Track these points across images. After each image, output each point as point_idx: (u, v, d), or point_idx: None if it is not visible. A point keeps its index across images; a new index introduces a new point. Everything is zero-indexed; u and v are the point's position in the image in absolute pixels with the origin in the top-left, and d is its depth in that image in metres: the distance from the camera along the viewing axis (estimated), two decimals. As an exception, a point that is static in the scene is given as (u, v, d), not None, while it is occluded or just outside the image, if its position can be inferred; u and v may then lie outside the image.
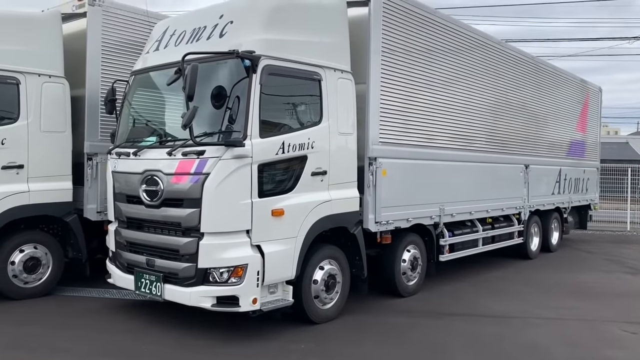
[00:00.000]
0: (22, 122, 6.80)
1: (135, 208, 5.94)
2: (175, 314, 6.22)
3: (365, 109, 6.64)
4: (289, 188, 5.74)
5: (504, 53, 9.65)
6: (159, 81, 6.31)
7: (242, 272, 5.33)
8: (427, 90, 7.65)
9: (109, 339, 5.64)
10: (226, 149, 5.26)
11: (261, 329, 5.91)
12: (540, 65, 11.01)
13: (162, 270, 5.65)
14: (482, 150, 9.00)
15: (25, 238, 6.97)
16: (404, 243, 7.44)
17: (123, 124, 6.52)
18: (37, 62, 6.92)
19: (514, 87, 9.94)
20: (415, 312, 6.90)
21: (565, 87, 12.05)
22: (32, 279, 6.98)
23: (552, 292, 8.20)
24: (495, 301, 7.52)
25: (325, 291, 6.20)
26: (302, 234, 5.79)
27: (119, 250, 6.22)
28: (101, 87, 7.31)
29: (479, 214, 8.93)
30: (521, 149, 10.25)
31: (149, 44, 6.58)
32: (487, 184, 9.10)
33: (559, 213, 12.18)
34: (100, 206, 7.31)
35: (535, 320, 6.66)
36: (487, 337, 5.96)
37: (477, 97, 8.79)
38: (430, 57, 7.71)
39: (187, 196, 5.43)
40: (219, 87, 5.36)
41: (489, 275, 9.25)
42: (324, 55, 6.13)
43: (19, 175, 6.76)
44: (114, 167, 6.28)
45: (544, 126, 11.17)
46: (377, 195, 6.73)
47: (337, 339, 5.76)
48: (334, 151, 6.15)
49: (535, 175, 10.57)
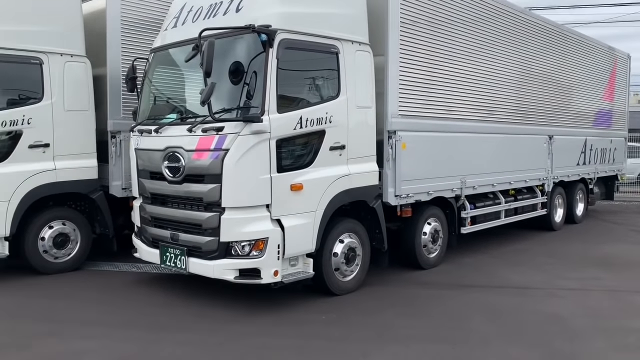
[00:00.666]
0: (47, 101, 6.94)
1: (159, 184, 6.05)
2: (199, 287, 6.38)
3: (384, 82, 6.60)
4: (308, 163, 5.78)
5: (527, 21, 9.42)
6: (177, 58, 6.34)
7: (263, 246, 5.42)
8: (448, 60, 7.55)
9: (136, 311, 5.82)
10: (244, 125, 5.30)
11: (283, 301, 6.03)
12: (565, 33, 10.73)
13: (186, 244, 5.78)
14: (505, 121, 8.88)
15: (53, 215, 7.18)
16: (424, 216, 7.45)
17: (144, 102, 6.60)
18: (59, 42, 7.03)
19: (538, 56, 9.73)
20: (436, 284, 6.94)
21: (591, 55, 11.73)
22: (61, 254, 7.21)
23: (576, 264, 8.14)
24: (517, 273, 7.51)
25: (345, 264, 6.27)
26: (321, 207, 5.84)
27: (144, 225, 6.37)
28: (122, 66, 7.39)
29: (501, 185, 8.86)
30: (545, 119, 10.07)
31: (167, 21, 6.61)
32: (509, 156, 9.00)
33: (584, 184, 12.00)
34: (125, 183, 7.47)
35: (558, 291, 6.64)
36: (507, 308, 5.98)
37: (499, 67, 8.64)
38: (451, 26, 7.58)
39: (208, 172, 5.51)
40: (236, 62, 5.38)
41: (512, 247, 9.21)
42: (341, 27, 6.08)
43: (45, 154, 6.93)
44: (137, 145, 6.39)
45: (569, 96, 10.94)
46: (396, 168, 6.72)
47: (357, 310, 5.85)
48: (353, 125, 6.15)
49: (559, 146, 10.40)
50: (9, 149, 6.71)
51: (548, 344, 4.99)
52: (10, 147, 6.71)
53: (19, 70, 6.76)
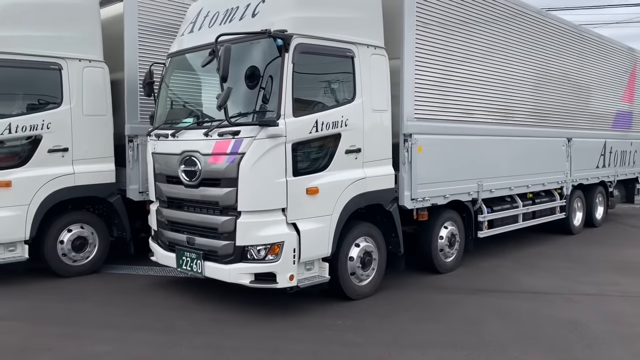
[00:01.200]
0: (66, 106, 7.03)
1: (175, 188, 6.09)
2: (215, 290, 6.40)
3: (400, 85, 6.58)
4: (323, 166, 5.78)
5: (544, 22, 9.32)
6: (194, 63, 6.39)
7: (278, 250, 5.43)
8: (464, 63, 7.50)
9: (152, 314, 5.86)
10: (260, 129, 5.32)
11: (298, 305, 6.02)
12: (583, 33, 10.60)
13: (202, 248, 5.81)
14: (522, 124, 8.79)
15: (72, 218, 7.27)
16: (441, 220, 7.40)
17: (161, 106, 6.65)
18: (77, 47, 7.12)
19: (556, 57, 9.62)
20: (452, 288, 6.89)
21: (610, 56, 11.57)
22: (80, 257, 7.29)
23: (595, 268, 8.03)
24: (535, 277, 7.42)
25: (361, 268, 6.25)
26: (337, 211, 5.83)
27: (160, 229, 6.41)
28: (139, 70, 7.47)
29: (518, 189, 8.77)
30: (563, 121, 9.95)
31: (183, 26, 6.67)
32: (527, 159, 8.90)
33: (603, 187, 11.84)
34: (142, 186, 7.53)
35: (576, 296, 6.56)
36: (524, 313, 5.92)
37: (516, 69, 8.56)
38: (467, 29, 7.54)
39: (224, 176, 5.53)
40: (252, 67, 5.40)
41: (529, 252, 9.11)
42: (356, 31, 6.08)
43: (64, 158, 7.01)
44: (154, 149, 6.44)
45: (588, 97, 10.80)
46: (412, 172, 6.69)
47: (373, 314, 5.82)
48: (368, 128, 6.13)
49: (578, 148, 10.27)
50: (29, 154, 6.80)
51: (566, 350, 4.92)
52: (30, 151, 6.81)
53: (38, 75, 6.87)
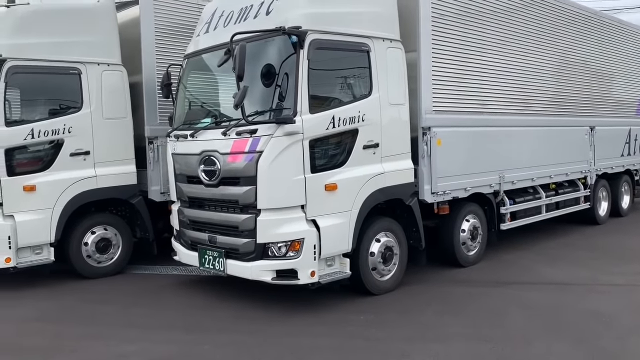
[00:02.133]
0: (86, 110, 7.13)
1: (196, 188, 6.14)
2: (238, 288, 6.44)
3: (417, 78, 6.53)
4: (341, 162, 5.77)
5: (562, 9, 9.15)
6: (210, 63, 6.42)
7: (299, 246, 5.44)
8: (482, 54, 7.41)
9: (176, 313, 5.92)
10: (277, 127, 5.33)
11: (320, 301, 6.03)
12: (603, 19, 10.39)
13: (224, 246, 5.85)
14: (543, 113, 8.66)
15: (95, 220, 7.38)
16: (462, 213, 7.34)
17: (179, 107, 6.70)
18: (95, 51, 7.21)
19: (575, 45, 9.45)
20: (475, 281, 6.83)
21: (632, 41, 11.31)
22: (104, 258, 7.39)
23: (621, 258, 7.87)
24: (559, 269, 7.31)
25: (382, 263, 6.23)
26: (356, 207, 5.82)
27: (182, 228, 6.47)
28: (157, 72, 7.51)
29: (541, 180, 8.64)
30: (585, 109, 9.77)
31: (199, 27, 6.70)
32: (549, 149, 8.76)
33: (629, 175, 11.60)
34: (163, 187, 7.59)
35: (601, 287, 6.45)
36: (549, 305, 5.83)
37: (535, 58, 8.42)
38: (484, 19, 7.44)
39: (243, 174, 5.56)
40: (267, 65, 5.42)
41: (554, 243, 8.97)
42: (371, 25, 6.04)
43: (86, 162, 7.12)
44: (174, 149, 6.50)
45: (610, 84, 10.58)
46: (432, 165, 6.64)
47: (395, 309, 5.80)
48: (386, 123, 6.10)
49: (601, 137, 10.07)
50: (52, 158, 6.91)
51: (593, 341, 4.85)
52: (53, 155, 6.92)
53: (58, 80, 6.97)
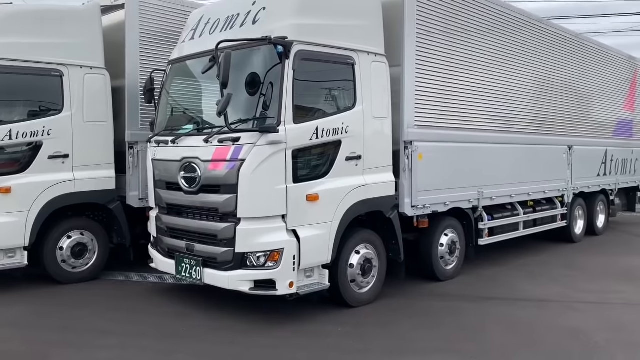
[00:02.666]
0: (66, 113, 7.04)
1: (175, 194, 6.08)
2: (215, 298, 6.37)
3: (401, 92, 6.58)
4: (324, 173, 5.77)
5: (545, 31, 9.34)
6: (195, 70, 6.40)
7: (278, 257, 5.41)
8: (465, 71, 7.51)
9: (151, 321, 5.83)
10: (261, 135, 5.31)
11: (298, 312, 5.99)
12: (584, 42, 10.62)
13: (202, 255, 5.79)
14: (523, 131, 8.79)
15: (72, 225, 7.25)
16: (441, 227, 7.38)
17: (162, 113, 6.66)
18: (78, 54, 7.14)
19: (556, 66, 9.63)
20: (453, 296, 6.85)
21: (611, 64, 11.58)
22: (79, 263, 7.26)
23: (596, 276, 7.99)
24: (536, 285, 7.38)
25: (361, 275, 6.22)
26: (337, 218, 5.82)
27: (160, 235, 6.40)
28: (140, 77, 7.47)
29: (519, 197, 8.75)
30: (564, 129, 9.94)
31: (184, 33, 6.69)
32: (528, 166, 8.89)
33: (605, 195, 11.80)
34: (142, 193, 7.52)
35: (577, 304, 6.52)
36: (526, 321, 5.88)
37: (517, 77, 8.56)
38: (467, 37, 7.55)
39: (224, 182, 5.52)
40: (252, 74, 5.41)
41: (530, 259, 9.07)
42: (357, 38, 6.09)
43: (64, 165, 7.01)
44: (154, 155, 6.44)
45: (589, 106, 10.80)
46: (413, 179, 6.68)
47: (373, 322, 5.79)
48: (369, 135, 6.13)
49: (579, 156, 10.25)
50: (30, 160, 6.79)
51: (568, 358, 4.89)
52: (31, 157, 6.80)
53: (39, 82, 6.87)
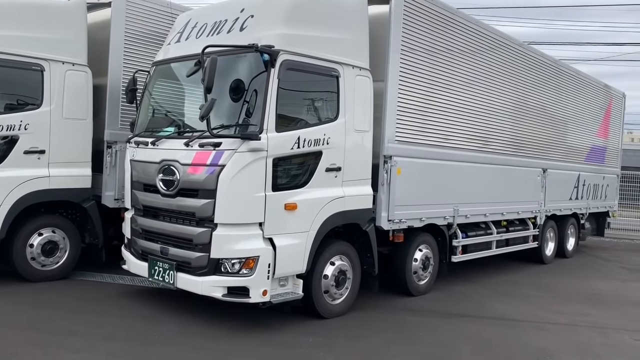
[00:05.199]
0: (45, 108, 6.93)
1: (152, 197, 6.03)
2: (187, 302, 6.31)
3: (383, 107, 6.65)
4: (303, 183, 5.79)
5: (525, 55, 9.55)
6: (179, 72, 6.39)
7: (253, 264, 5.39)
8: (446, 90, 7.62)
9: (121, 324, 5.74)
10: (242, 142, 5.31)
11: (270, 321, 5.97)
12: (562, 68, 10.89)
13: (176, 259, 5.74)
14: (500, 152, 8.94)
15: (44, 222, 7.12)
16: (416, 242, 7.44)
17: (143, 114, 6.61)
18: (61, 50, 7.05)
19: (534, 90, 9.85)
20: (425, 311, 6.91)
21: (587, 91, 11.89)
22: (49, 262, 7.13)
23: (565, 298, 8.14)
24: (506, 304, 7.49)
25: (335, 286, 6.23)
26: (314, 228, 5.83)
27: (134, 237, 6.33)
28: (123, 77, 7.42)
29: (493, 216, 8.88)
30: (539, 152, 10.15)
31: (170, 35, 6.66)
32: (503, 187, 9.04)
33: (575, 219, 12.05)
34: (117, 193, 7.44)
35: (546, 325, 6.63)
36: (495, 339, 5.95)
37: (496, 99, 8.73)
38: (450, 57, 7.68)
39: (203, 187, 5.50)
40: (237, 80, 5.41)
41: (502, 279, 9.20)
42: (342, 51, 6.15)
43: (40, 160, 6.90)
44: (133, 156, 6.38)
45: (564, 130, 11.05)
46: (390, 193, 6.74)
47: (344, 334, 5.80)
48: (349, 148, 6.17)
49: (552, 179, 10.47)
50: (4, 154, 6.67)
51: (535, 378, 4.96)
52: (6, 151, 6.68)
53: (19, 75, 6.76)
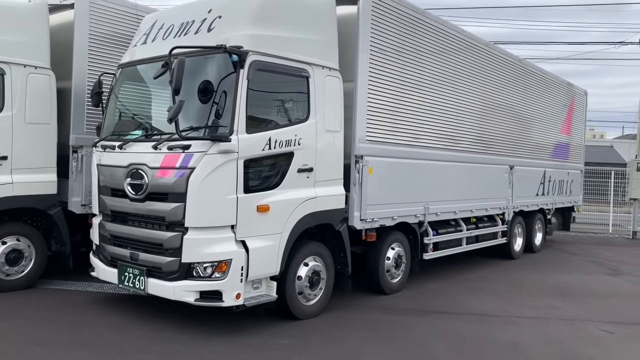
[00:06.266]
0: (7, 113, 6.74)
1: (120, 201, 5.91)
2: (158, 308, 6.21)
3: (353, 107, 6.67)
4: (275, 184, 5.76)
5: (492, 54, 9.72)
6: (146, 74, 6.28)
7: (226, 267, 5.33)
8: (415, 90, 7.70)
9: (91, 332, 5.62)
10: (212, 144, 5.25)
11: (244, 324, 5.92)
12: (527, 67, 11.11)
13: (146, 264, 5.64)
14: (468, 150, 9.07)
15: (7, 230, 6.90)
16: (388, 241, 7.49)
17: (109, 117, 6.49)
18: (23, 52, 6.86)
19: (501, 88, 10.03)
20: (398, 309, 6.95)
21: (551, 89, 12.17)
22: (14, 271, 6.91)
23: (534, 292, 8.30)
24: (478, 300, 7.59)
25: (309, 287, 6.22)
26: (287, 230, 5.81)
27: (102, 243, 6.19)
28: (88, 80, 7.24)
29: (463, 213, 9.01)
30: (506, 150, 10.34)
31: (136, 37, 6.55)
32: (472, 184, 9.17)
33: (542, 214, 12.31)
34: (84, 199, 7.27)
35: (516, 319, 6.75)
36: (468, 334, 6.03)
37: (464, 98, 8.85)
38: (419, 57, 7.75)
39: (172, 190, 5.42)
40: (206, 81, 5.35)
41: (472, 275, 9.33)
42: (312, 52, 6.14)
43: (2, 167, 6.69)
44: (99, 160, 6.25)
45: (530, 128, 11.28)
46: (362, 193, 6.76)
47: (319, 335, 5.79)
48: (321, 148, 6.17)
49: (519, 176, 10.67)
50: (-37, 161, 6.47)
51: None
52: (-35, 158, 6.47)
53: (-22, 79, 6.57)
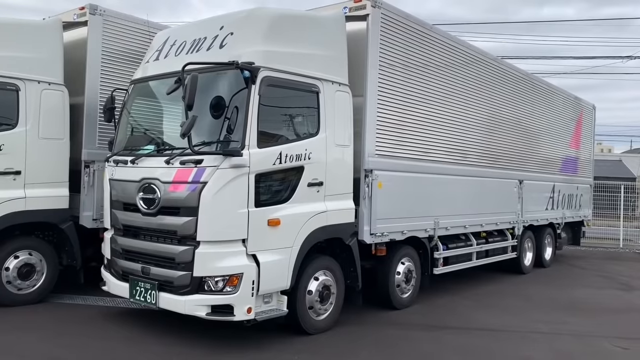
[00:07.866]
0: (21, 128, 6.83)
1: (132, 216, 5.95)
2: (169, 322, 6.22)
3: (362, 122, 6.71)
4: (286, 198, 5.78)
5: (500, 69, 9.76)
6: (158, 90, 6.37)
7: (237, 281, 5.34)
8: (424, 104, 7.73)
9: (102, 346, 5.62)
10: (224, 159, 5.30)
11: (255, 339, 5.91)
12: (535, 82, 11.14)
13: (158, 278, 5.66)
14: (477, 164, 9.07)
15: (20, 244, 6.96)
16: (398, 255, 7.48)
17: (121, 132, 6.56)
18: (37, 69, 6.97)
19: (509, 103, 10.05)
20: (409, 324, 6.92)
21: (559, 104, 12.18)
22: (26, 285, 6.96)
23: (545, 307, 8.24)
24: (489, 315, 7.55)
25: (319, 302, 6.21)
26: (297, 244, 5.82)
27: (114, 257, 6.22)
28: (100, 96, 7.35)
29: (473, 227, 8.98)
30: (515, 164, 10.33)
31: (149, 54, 6.64)
32: (481, 198, 9.16)
33: (552, 229, 12.25)
34: (96, 214, 7.33)
35: (528, 334, 6.69)
36: (479, 350, 5.98)
37: (472, 112, 8.88)
38: (427, 72, 7.80)
39: (184, 204, 5.45)
40: (218, 97, 5.41)
41: (483, 289, 9.28)
42: (322, 68, 6.20)
43: (16, 182, 6.77)
44: (112, 175, 6.31)
45: (538, 142, 11.27)
46: (372, 207, 6.77)
47: (330, 349, 5.77)
48: (331, 163, 6.20)
49: (529, 190, 10.65)
50: (-22, 175, 6.53)
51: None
52: (-21, 173, 6.54)
53: (-6, 95, 6.66)
